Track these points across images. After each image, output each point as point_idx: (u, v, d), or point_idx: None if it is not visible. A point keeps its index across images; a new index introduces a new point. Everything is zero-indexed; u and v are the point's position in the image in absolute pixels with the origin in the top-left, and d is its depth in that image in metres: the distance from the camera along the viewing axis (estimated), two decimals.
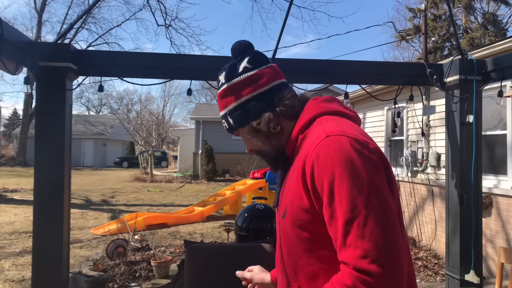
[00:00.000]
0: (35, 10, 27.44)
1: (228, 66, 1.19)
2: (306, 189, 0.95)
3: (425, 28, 11.82)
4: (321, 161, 0.91)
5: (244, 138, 1.19)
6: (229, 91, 1.15)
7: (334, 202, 0.88)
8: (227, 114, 1.16)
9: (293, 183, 1.01)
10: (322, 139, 0.93)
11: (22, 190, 13.90)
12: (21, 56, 2.36)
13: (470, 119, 2.96)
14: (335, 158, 0.89)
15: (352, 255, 0.83)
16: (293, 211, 1.00)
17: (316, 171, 0.91)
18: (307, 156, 0.95)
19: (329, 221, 0.90)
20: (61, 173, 2.53)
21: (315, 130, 1.02)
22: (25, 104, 29.98)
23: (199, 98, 44.71)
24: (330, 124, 0.99)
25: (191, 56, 3.44)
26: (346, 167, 0.88)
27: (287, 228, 1.03)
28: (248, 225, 4.04)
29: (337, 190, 0.87)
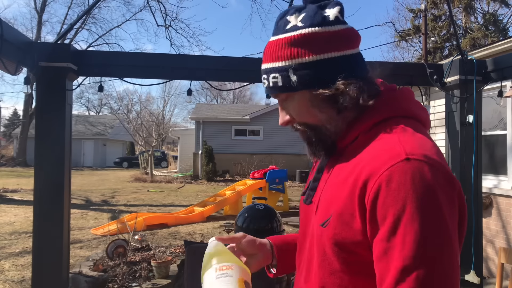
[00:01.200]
0: (35, 10, 27.48)
1: (312, 7, 0.89)
2: (363, 210, 0.79)
3: (425, 28, 11.83)
4: (393, 188, 0.74)
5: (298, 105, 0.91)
6: (310, 39, 0.86)
7: (394, 239, 0.74)
8: (291, 68, 0.87)
9: (344, 193, 0.83)
10: (400, 161, 0.76)
11: (22, 191, 13.90)
12: (21, 56, 2.37)
13: (470, 119, 2.96)
14: (412, 191, 0.73)
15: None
16: (337, 226, 0.83)
17: (381, 197, 0.75)
18: (375, 173, 0.77)
19: (379, 256, 0.76)
20: (61, 173, 2.53)
21: (388, 138, 0.83)
22: (25, 104, 30.00)
23: (199, 98, 44.77)
24: (408, 138, 0.81)
25: (191, 56, 3.44)
26: (421, 205, 0.73)
27: (324, 240, 0.86)
28: (248, 226, 4.04)
29: (402, 229, 0.73)
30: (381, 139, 0.84)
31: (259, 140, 21.51)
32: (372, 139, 0.86)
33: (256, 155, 20.29)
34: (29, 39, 2.60)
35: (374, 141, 0.85)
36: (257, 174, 10.72)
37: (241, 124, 21.63)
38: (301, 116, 0.92)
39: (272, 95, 0.95)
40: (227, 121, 21.51)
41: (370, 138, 0.86)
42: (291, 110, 0.93)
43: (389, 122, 0.86)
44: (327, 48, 0.87)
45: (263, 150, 20.55)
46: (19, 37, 2.37)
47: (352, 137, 0.90)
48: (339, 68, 0.87)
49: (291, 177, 17.38)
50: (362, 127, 0.88)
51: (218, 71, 2.85)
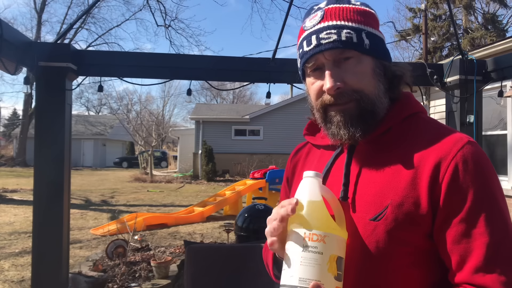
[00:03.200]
0: (34, 10, 27.47)
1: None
2: (434, 194, 0.79)
3: (425, 28, 11.83)
4: (470, 167, 0.78)
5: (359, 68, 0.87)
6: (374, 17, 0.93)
7: (479, 217, 0.76)
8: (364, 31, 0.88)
9: (401, 183, 0.82)
10: (466, 143, 0.81)
11: (21, 190, 13.89)
12: (20, 56, 2.36)
13: (470, 119, 2.96)
14: (486, 169, 0.80)
15: (497, 280, 0.74)
16: (399, 216, 0.81)
17: (461, 177, 0.78)
18: (445, 156, 0.80)
19: (458, 237, 0.77)
20: (60, 173, 2.52)
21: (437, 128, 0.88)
22: (24, 104, 29.98)
23: (198, 98, 44.76)
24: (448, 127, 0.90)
25: (191, 56, 3.44)
26: (496, 183, 0.80)
27: (379, 234, 0.82)
28: (248, 226, 4.04)
29: (487, 206, 0.77)
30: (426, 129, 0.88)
31: (259, 140, 21.51)
32: (412, 130, 0.88)
33: (256, 155, 20.28)
34: (29, 39, 2.59)
35: (415, 132, 0.88)
36: (257, 174, 10.71)
37: (241, 124, 21.62)
38: (362, 81, 0.87)
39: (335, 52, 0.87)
40: (227, 121, 21.50)
41: (408, 129, 0.89)
42: (350, 74, 0.87)
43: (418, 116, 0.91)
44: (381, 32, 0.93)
45: (263, 150, 20.55)
46: (19, 37, 2.36)
47: (384, 128, 0.89)
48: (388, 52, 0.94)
49: None
50: (396, 119, 0.90)
51: (218, 71, 2.85)
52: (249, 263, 2.61)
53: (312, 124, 1.07)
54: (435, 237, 0.82)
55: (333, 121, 0.89)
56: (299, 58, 0.95)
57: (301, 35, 0.93)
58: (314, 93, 0.91)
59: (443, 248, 0.80)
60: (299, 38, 0.94)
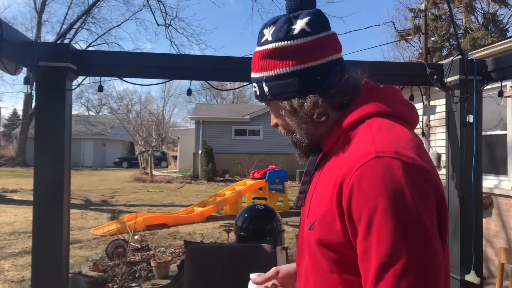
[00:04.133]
0: (35, 10, 27.48)
1: (280, 20, 0.93)
2: (341, 212, 0.80)
3: (425, 28, 11.83)
4: (364, 187, 0.76)
5: (275, 112, 0.99)
6: (275, 54, 0.91)
7: (370, 238, 0.75)
8: (263, 80, 0.94)
9: (327, 196, 0.85)
10: (370, 160, 0.77)
11: (21, 191, 13.89)
12: (20, 56, 2.36)
13: (470, 119, 2.96)
14: (382, 188, 0.74)
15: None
16: (323, 228, 0.85)
17: (355, 197, 0.77)
18: (347, 174, 0.79)
19: (361, 255, 0.77)
20: (60, 173, 2.52)
21: (362, 137, 0.84)
22: (24, 104, 29.99)
23: (199, 98, 44.74)
24: (383, 135, 0.82)
25: (191, 56, 3.43)
26: (393, 201, 0.73)
27: (312, 243, 0.88)
28: (248, 226, 4.04)
29: (376, 227, 0.74)
30: (357, 139, 0.85)
31: (259, 140, 21.50)
32: (351, 140, 0.87)
33: (256, 155, 20.28)
34: (29, 39, 2.59)
35: (351, 141, 0.87)
36: (257, 174, 10.71)
37: (241, 124, 21.62)
38: (279, 121, 1.00)
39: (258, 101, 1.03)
40: (227, 121, 21.50)
41: (349, 138, 0.88)
42: (273, 114, 1.02)
43: (367, 121, 0.87)
44: (290, 63, 0.90)
45: (263, 150, 20.54)
46: (19, 37, 2.36)
47: (333, 139, 0.92)
48: (303, 81, 0.90)
49: (291, 177, 17.37)
50: (341, 128, 0.90)
51: (218, 71, 2.85)
52: (249, 263, 2.61)
53: None
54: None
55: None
56: None
57: None
58: None
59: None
60: None
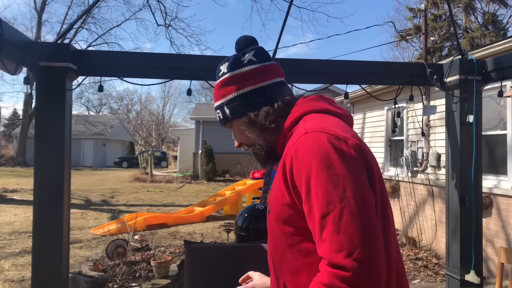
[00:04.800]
0: (35, 10, 27.43)
1: (232, 57, 1.20)
2: (287, 184, 0.97)
3: (425, 28, 11.82)
4: (299, 156, 0.93)
5: (237, 131, 1.21)
6: (231, 81, 1.16)
7: (311, 197, 0.89)
8: (224, 104, 1.18)
9: (276, 180, 1.03)
10: (301, 135, 0.96)
11: (22, 190, 13.89)
12: (21, 56, 2.36)
13: (470, 119, 2.96)
14: (312, 153, 0.91)
15: (328, 249, 0.83)
16: (276, 207, 1.02)
17: (294, 167, 0.94)
18: (287, 152, 0.98)
19: (308, 216, 0.91)
20: (61, 173, 2.52)
21: (298, 128, 1.04)
22: (25, 104, 29.96)
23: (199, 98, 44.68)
24: (312, 121, 1.01)
25: (191, 56, 3.44)
26: (322, 162, 0.89)
27: (271, 224, 1.05)
28: (248, 225, 4.04)
29: (313, 185, 0.88)
30: (296, 130, 1.05)
31: None
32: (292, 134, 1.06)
33: None
34: (29, 39, 2.60)
35: (293, 134, 1.05)
36: (257, 174, 10.72)
37: None
38: (241, 138, 1.22)
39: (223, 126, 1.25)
40: None
41: (291, 134, 1.07)
42: (236, 136, 1.23)
43: (303, 118, 1.08)
44: (244, 85, 1.15)
45: None
46: (19, 37, 2.36)
47: (281, 141, 1.12)
48: (256, 97, 1.14)
49: None
50: (285, 130, 1.11)
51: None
52: (249, 263, 2.61)
53: None
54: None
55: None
56: None
57: None
58: None
59: None
60: None
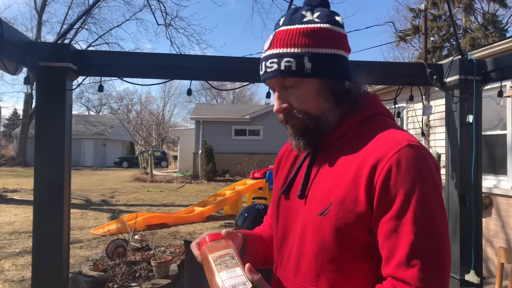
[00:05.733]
0: (35, 10, 27.46)
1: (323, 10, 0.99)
2: (370, 192, 0.87)
3: (425, 28, 11.83)
4: (403, 169, 0.85)
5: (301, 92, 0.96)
6: (325, 34, 0.95)
7: (405, 216, 0.83)
8: (305, 55, 0.93)
9: (345, 181, 0.90)
10: (404, 146, 0.87)
11: (22, 190, 13.89)
12: (21, 56, 2.36)
13: (470, 119, 2.96)
14: (419, 172, 0.85)
15: (415, 276, 0.81)
16: (340, 212, 0.89)
17: (393, 178, 0.85)
18: (382, 157, 0.87)
19: (388, 233, 0.85)
20: (61, 173, 2.52)
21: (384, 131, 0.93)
22: (25, 104, 29.97)
23: (199, 98, 44.74)
24: (399, 130, 0.94)
25: (191, 56, 3.44)
26: (427, 186, 0.85)
27: (324, 228, 0.91)
28: (248, 225, 4.02)
29: (412, 207, 0.83)
30: (376, 131, 0.94)
31: (259, 140, 21.50)
32: (365, 132, 0.95)
33: (256, 155, 20.28)
34: (29, 39, 2.60)
35: (367, 133, 0.94)
36: (257, 174, 10.72)
37: (241, 124, 21.61)
38: (304, 103, 0.96)
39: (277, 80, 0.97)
40: (227, 121, 21.50)
41: (362, 131, 0.96)
42: (294, 97, 0.97)
43: (375, 119, 0.98)
44: (338, 46, 0.97)
45: (263, 150, 20.54)
46: (19, 37, 2.36)
47: (342, 132, 0.98)
48: (344, 66, 0.98)
49: None
50: (352, 122, 0.98)
51: (218, 71, 2.85)
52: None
53: None
54: (374, 232, 0.89)
55: (288, 133, 1.03)
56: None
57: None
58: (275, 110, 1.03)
59: (378, 242, 0.88)
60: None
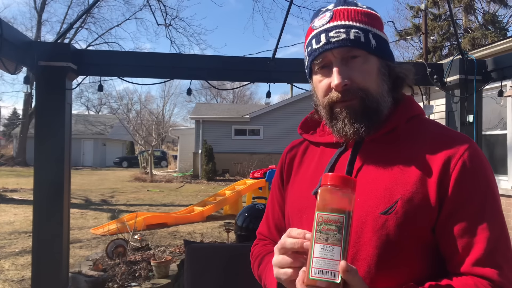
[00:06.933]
0: (35, 9, 27.43)
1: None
2: (442, 190, 0.84)
3: (425, 28, 11.83)
4: (476, 167, 0.86)
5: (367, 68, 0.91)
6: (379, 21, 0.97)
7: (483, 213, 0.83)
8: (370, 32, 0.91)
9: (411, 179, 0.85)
10: (471, 145, 0.88)
11: (21, 190, 13.89)
12: (20, 56, 2.36)
13: (470, 119, 2.96)
14: (488, 171, 0.88)
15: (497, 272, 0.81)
16: (410, 211, 0.84)
17: (468, 175, 0.84)
18: (453, 155, 0.85)
19: (462, 230, 0.83)
20: (61, 173, 2.52)
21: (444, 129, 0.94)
22: (25, 104, 29.95)
23: (199, 98, 44.76)
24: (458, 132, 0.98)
25: (191, 55, 3.44)
26: (495, 183, 0.88)
27: (390, 227, 0.84)
28: (248, 225, 4.04)
29: (490, 203, 0.84)
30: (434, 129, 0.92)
31: (259, 140, 21.50)
32: (418, 130, 0.93)
33: (256, 154, 20.27)
34: (29, 39, 2.59)
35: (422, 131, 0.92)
36: (257, 174, 10.72)
37: (241, 124, 21.61)
38: (367, 80, 0.90)
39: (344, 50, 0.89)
40: (227, 121, 21.49)
41: (413, 129, 0.93)
42: (358, 71, 0.90)
43: (421, 118, 0.97)
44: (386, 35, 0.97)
45: (263, 150, 20.54)
46: (19, 37, 2.36)
47: (389, 128, 0.92)
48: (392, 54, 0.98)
49: None
50: (401, 119, 0.93)
51: (218, 70, 2.85)
52: (249, 263, 2.61)
53: (306, 122, 1.11)
54: (437, 230, 0.86)
55: (339, 118, 0.92)
56: (307, 56, 0.97)
57: (310, 34, 0.96)
58: (322, 90, 0.93)
59: (445, 240, 0.85)
60: (307, 37, 0.96)
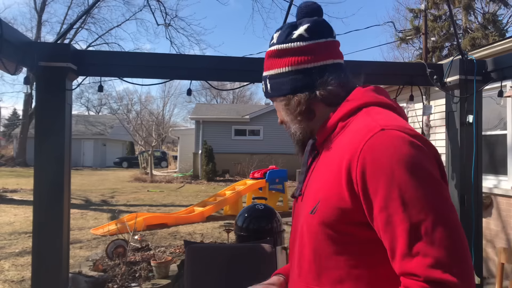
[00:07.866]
0: (35, 10, 27.46)
1: (287, 25, 1.04)
2: (351, 188, 0.83)
3: (425, 28, 11.83)
4: (377, 158, 0.79)
5: (277, 108, 1.08)
6: (276, 54, 1.02)
7: (392, 205, 0.77)
8: (267, 77, 1.05)
9: (330, 178, 0.88)
10: (376, 132, 0.82)
11: (21, 190, 13.89)
12: (20, 56, 2.36)
13: (470, 119, 2.96)
14: (395, 155, 0.78)
15: (421, 264, 0.74)
16: (326, 210, 0.87)
17: (369, 169, 0.80)
18: (356, 150, 0.83)
19: (383, 227, 0.79)
20: (61, 173, 2.52)
21: (363, 120, 0.89)
22: (25, 104, 29.97)
23: (199, 98, 44.76)
24: (382, 116, 0.88)
25: (191, 56, 3.44)
26: (407, 166, 0.77)
27: (314, 226, 0.90)
28: (248, 226, 4.04)
29: (397, 192, 0.77)
30: (356, 123, 0.91)
31: (259, 140, 21.50)
32: (349, 126, 0.93)
33: (256, 155, 20.27)
34: (29, 39, 2.59)
35: (351, 126, 0.93)
36: (257, 174, 10.71)
37: (241, 124, 21.61)
38: (281, 116, 1.07)
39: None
40: (227, 121, 21.50)
41: (347, 125, 0.94)
42: (277, 112, 1.10)
43: (365, 110, 0.94)
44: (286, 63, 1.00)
45: (263, 150, 20.54)
46: (19, 37, 2.36)
47: (329, 129, 0.98)
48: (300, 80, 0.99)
49: (291, 177, 17.33)
50: (337, 116, 0.96)
51: (218, 70, 2.85)
52: (249, 263, 2.61)
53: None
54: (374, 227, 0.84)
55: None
56: None
57: None
58: None
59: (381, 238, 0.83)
60: None
